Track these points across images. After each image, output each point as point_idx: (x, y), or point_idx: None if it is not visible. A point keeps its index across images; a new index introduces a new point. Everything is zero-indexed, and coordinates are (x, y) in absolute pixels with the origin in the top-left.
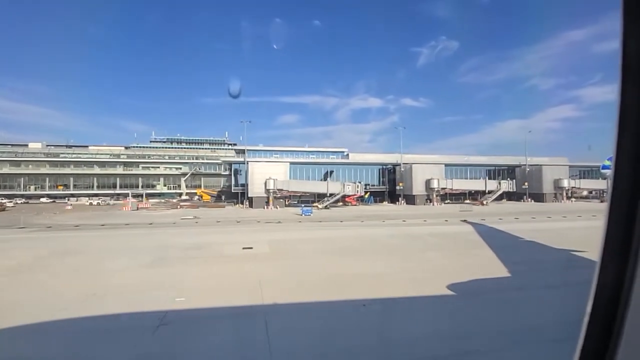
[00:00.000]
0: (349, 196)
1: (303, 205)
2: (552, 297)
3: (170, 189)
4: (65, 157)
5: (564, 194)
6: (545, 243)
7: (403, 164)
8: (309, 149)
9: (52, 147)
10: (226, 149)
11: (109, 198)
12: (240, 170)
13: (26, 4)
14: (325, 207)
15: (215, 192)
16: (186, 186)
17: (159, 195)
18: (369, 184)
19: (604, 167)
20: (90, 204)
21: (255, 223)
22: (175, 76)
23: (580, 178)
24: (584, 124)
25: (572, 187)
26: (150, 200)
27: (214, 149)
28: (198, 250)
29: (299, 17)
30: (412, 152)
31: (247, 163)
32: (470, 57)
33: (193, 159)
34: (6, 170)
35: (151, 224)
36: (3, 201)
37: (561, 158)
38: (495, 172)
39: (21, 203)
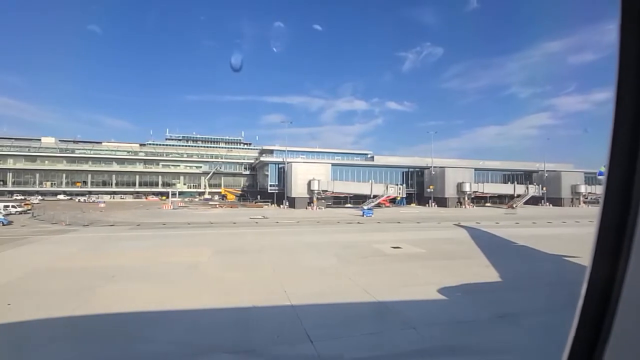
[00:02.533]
0: (383, 198)
1: (364, 206)
2: None
3: (190, 188)
4: (83, 153)
5: (581, 199)
6: None
7: (434, 167)
8: (333, 150)
9: (65, 142)
10: (243, 148)
11: (131, 196)
12: (280, 171)
13: None
14: (368, 208)
15: (239, 192)
16: (214, 185)
17: (179, 194)
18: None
19: (600, 174)
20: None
21: (334, 224)
22: (156, 73)
23: (591, 184)
24: (558, 131)
25: (589, 193)
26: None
27: (230, 148)
28: (355, 248)
29: (286, 19)
30: (438, 157)
31: (290, 164)
32: (453, 63)
33: (211, 157)
34: (21, 165)
35: (235, 223)
36: (30, 199)
37: (567, 165)
38: (512, 177)
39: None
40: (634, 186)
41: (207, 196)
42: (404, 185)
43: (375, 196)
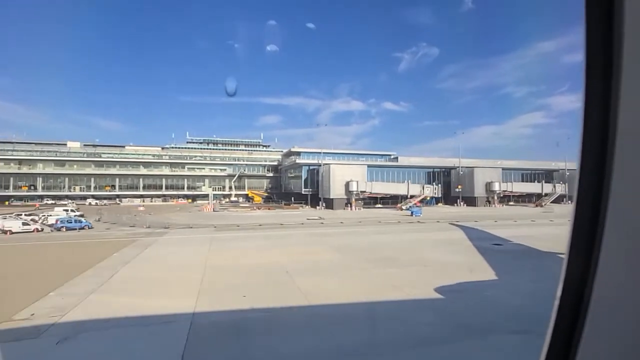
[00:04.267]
0: (418, 199)
1: (411, 206)
2: None
3: (215, 191)
4: (110, 157)
5: None
6: None
7: (462, 167)
8: (358, 151)
9: (89, 146)
10: (262, 150)
11: (160, 199)
12: (312, 172)
13: None
14: (407, 209)
15: (266, 194)
16: (238, 187)
17: (204, 197)
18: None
19: None
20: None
21: (395, 223)
22: (148, 74)
23: None
24: (553, 130)
25: None
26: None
27: (250, 150)
28: (457, 245)
29: (282, 19)
30: (454, 156)
31: (328, 166)
32: (449, 63)
33: (234, 160)
34: (50, 170)
35: (302, 223)
36: (67, 203)
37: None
38: (531, 176)
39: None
40: (603, 189)
41: (233, 198)
42: (440, 185)
43: (412, 196)
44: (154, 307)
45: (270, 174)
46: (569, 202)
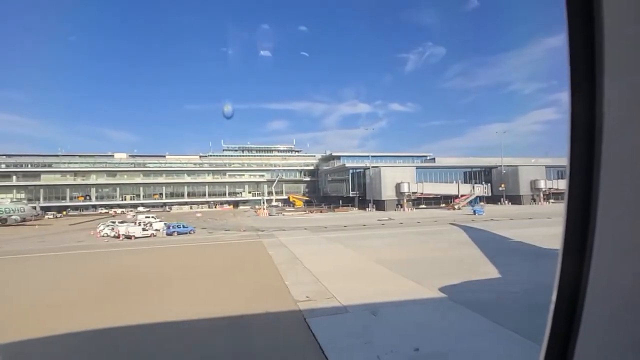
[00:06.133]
0: (466, 201)
1: (473, 205)
2: None
3: (254, 196)
4: (157, 167)
5: None
6: None
7: (504, 166)
8: (393, 153)
9: (134, 156)
10: (295, 155)
11: (205, 206)
12: (358, 175)
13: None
14: (458, 208)
15: (306, 198)
16: (275, 192)
17: (244, 202)
18: None
19: None
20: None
21: (468, 221)
22: (157, 84)
23: None
24: (564, 126)
25: None
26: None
27: (284, 155)
28: None
29: (288, 24)
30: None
31: (379, 169)
32: (455, 62)
33: (271, 166)
34: (103, 180)
35: (383, 224)
36: (130, 211)
37: None
38: (560, 173)
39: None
40: (592, 190)
41: (274, 203)
42: (490, 184)
43: (462, 196)
44: (393, 292)
45: (307, 179)
46: None
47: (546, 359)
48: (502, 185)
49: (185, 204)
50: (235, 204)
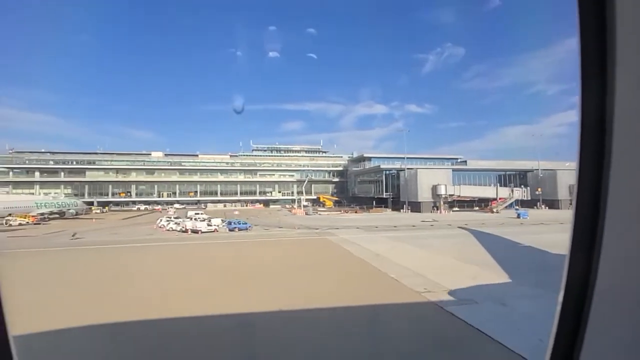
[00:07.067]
0: (495, 200)
1: (516, 208)
2: None
3: (284, 196)
4: (192, 165)
5: None
6: None
7: (542, 170)
8: (424, 155)
9: (169, 155)
10: (322, 156)
11: (238, 204)
12: (392, 177)
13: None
14: (497, 211)
15: (336, 198)
16: (305, 192)
17: (274, 202)
18: None
19: None
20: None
21: (516, 225)
22: (175, 84)
23: None
24: None
25: None
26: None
27: (312, 156)
28: None
29: (304, 25)
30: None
31: (415, 171)
32: (475, 63)
33: (300, 166)
34: (142, 178)
35: (432, 225)
36: (167, 208)
37: None
38: None
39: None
40: (602, 189)
41: (304, 203)
42: (528, 188)
43: (500, 199)
44: (501, 288)
45: (336, 179)
46: None
47: (553, 357)
48: (539, 189)
49: (219, 202)
50: (266, 203)
